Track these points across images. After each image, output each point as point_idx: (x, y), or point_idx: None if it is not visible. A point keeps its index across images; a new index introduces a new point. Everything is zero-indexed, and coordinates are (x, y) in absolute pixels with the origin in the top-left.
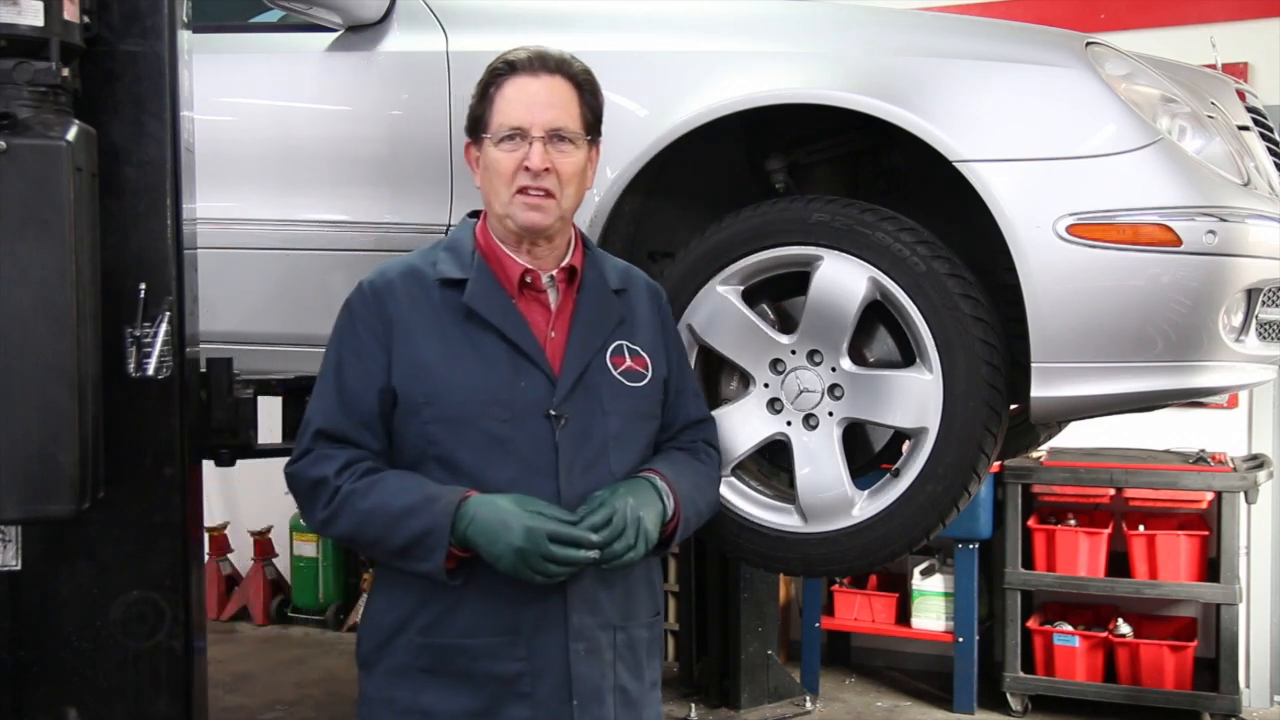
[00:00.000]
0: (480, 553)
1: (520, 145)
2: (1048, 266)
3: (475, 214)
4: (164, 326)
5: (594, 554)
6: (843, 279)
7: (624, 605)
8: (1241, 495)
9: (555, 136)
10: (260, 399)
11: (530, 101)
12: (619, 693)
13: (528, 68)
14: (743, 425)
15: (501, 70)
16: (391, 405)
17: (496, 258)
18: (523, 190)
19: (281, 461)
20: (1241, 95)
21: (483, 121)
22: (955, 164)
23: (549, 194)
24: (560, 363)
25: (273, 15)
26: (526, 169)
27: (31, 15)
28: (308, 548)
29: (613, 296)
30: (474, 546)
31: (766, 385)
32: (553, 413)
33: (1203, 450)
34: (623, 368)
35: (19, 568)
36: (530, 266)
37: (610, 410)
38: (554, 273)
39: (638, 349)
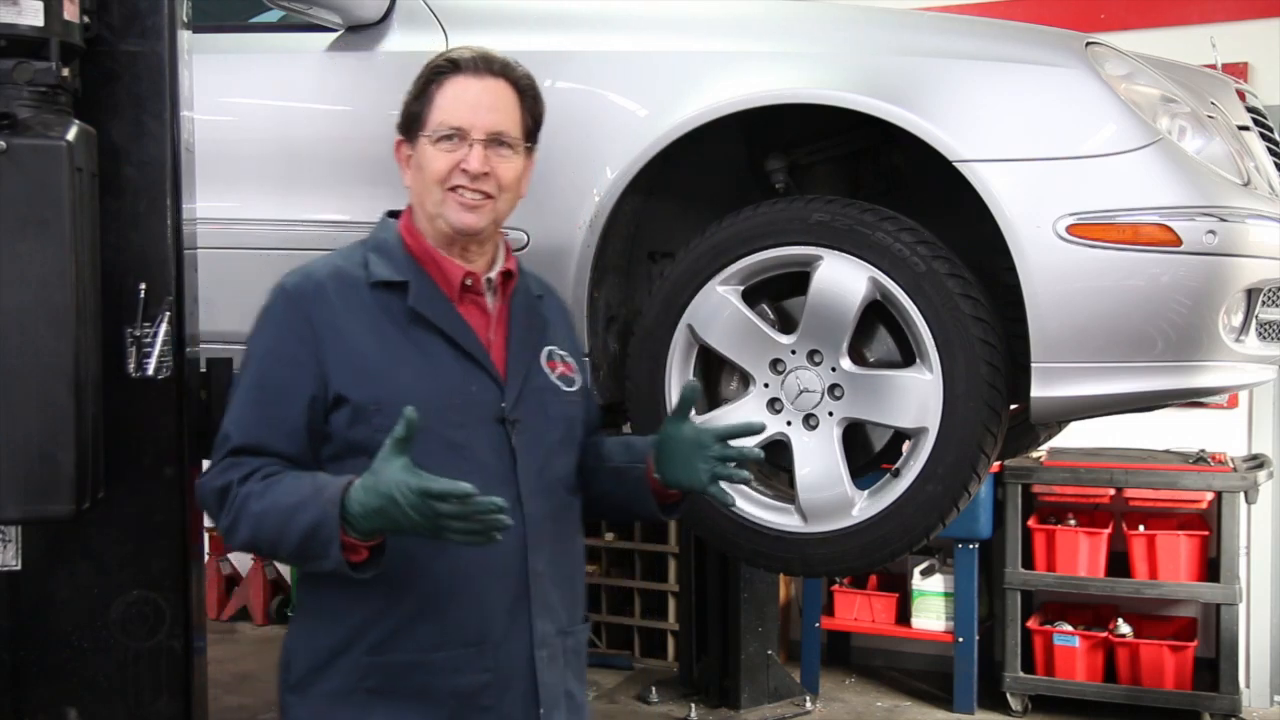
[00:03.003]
0: (389, 533)
1: (459, 146)
2: (1048, 266)
3: (394, 214)
4: (164, 326)
5: (491, 502)
6: (843, 279)
7: (570, 609)
8: (1241, 495)
9: (495, 141)
10: None
11: (474, 103)
12: (568, 698)
13: (471, 68)
14: None
15: (444, 68)
16: (324, 414)
17: (434, 261)
18: (455, 189)
19: None
20: (1241, 95)
21: (420, 119)
22: (955, 164)
23: (487, 196)
24: (504, 367)
25: (273, 15)
26: (464, 171)
27: (31, 15)
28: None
29: (538, 301)
30: (380, 531)
31: (766, 385)
32: (507, 418)
33: (1203, 450)
34: (557, 372)
35: (19, 568)
36: (470, 269)
37: (553, 415)
38: (492, 276)
39: (564, 354)
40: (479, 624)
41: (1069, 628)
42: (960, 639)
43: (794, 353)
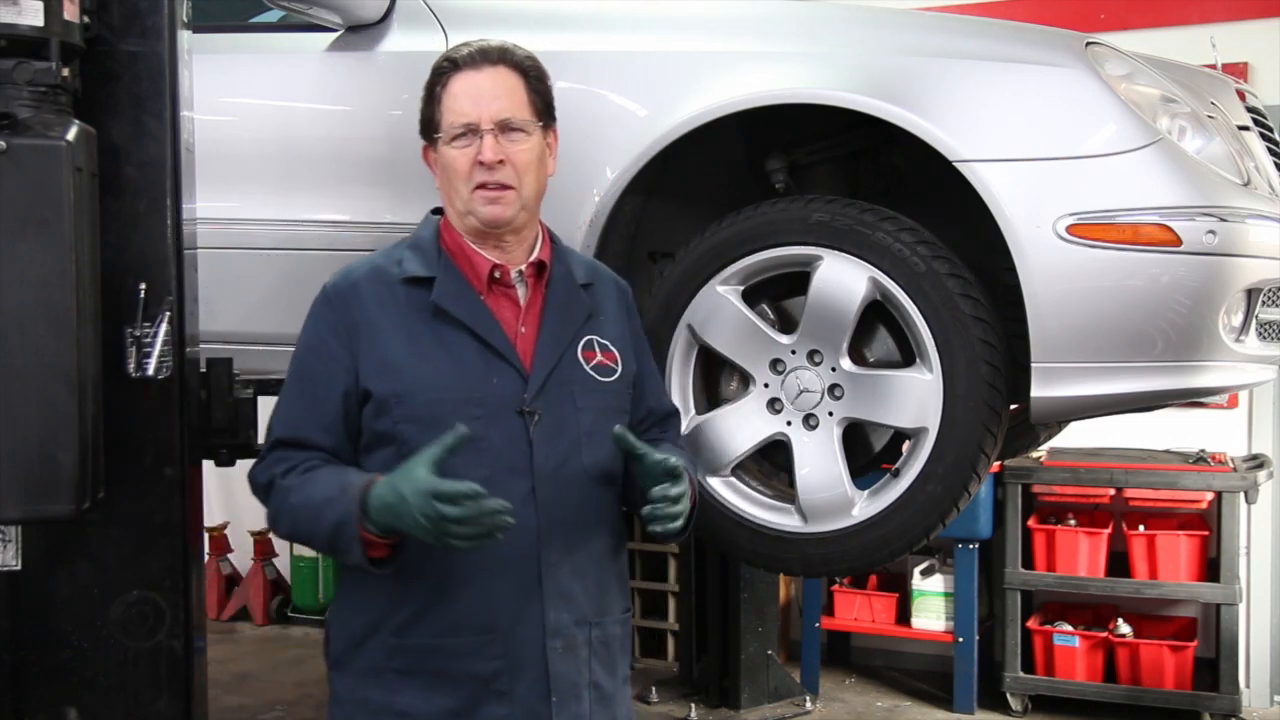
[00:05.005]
0: (404, 533)
1: (472, 141)
2: (1048, 266)
3: (439, 210)
4: (164, 326)
5: (498, 504)
6: (843, 279)
7: (598, 601)
8: (1241, 495)
9: (505, 127)
10: (260, 399)
11: (476, 95)
12: (594, 689)
13: (469, 62)
14: (743, 425)
15: (445, 68)
16: (359, 407)
17: (464, 254)
18: (481, 186)
19: None
20: (1241, 95)
21: (433, 122)
22: (955, 164)
23: (506, 186)
24: (531, 358)
25: (273, 15)
26: (481, 164)
27: (31, 15)
28: (308, 548)
29: (581, 291)
30: (393, 530)
31: (766, 385)
32: (526, 409)
33: (1203, 450)
34: (594, 362)
35: (19, 568)
36: (499, 262)
37: (583, 406)
38: (522, 267)
39: (607, 343)
40: (487, 612)
41: (1069, 628)
42: (960, 639)
43: (794, 353)
